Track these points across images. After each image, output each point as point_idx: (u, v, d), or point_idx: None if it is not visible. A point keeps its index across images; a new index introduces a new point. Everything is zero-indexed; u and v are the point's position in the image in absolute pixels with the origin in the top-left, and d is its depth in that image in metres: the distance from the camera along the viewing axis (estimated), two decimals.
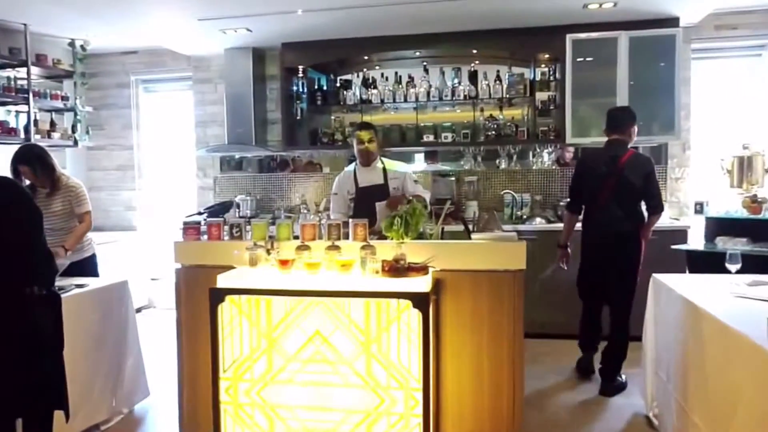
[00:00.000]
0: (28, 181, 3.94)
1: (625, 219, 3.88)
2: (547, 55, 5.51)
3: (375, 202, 4.02)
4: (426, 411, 2.54)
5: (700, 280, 3.24)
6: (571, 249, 4.26)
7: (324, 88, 5.98)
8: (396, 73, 5.74)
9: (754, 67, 5.66)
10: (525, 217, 5.46)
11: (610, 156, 3.94)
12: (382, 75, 5.81)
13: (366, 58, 5.89)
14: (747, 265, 3.11)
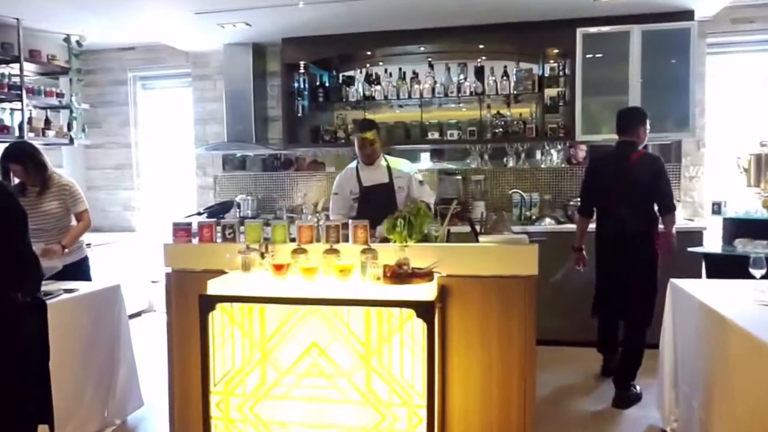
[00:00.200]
0: (17, 180, 3.85)
1: (637, 221, 3.78)
2: (556, 50, 5.37)
3: (380, 202, 3.79)
4: (430, 429, 2.37)
5: (721, 286, 3.06)
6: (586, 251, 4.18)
7: (326, 84, 5.86)
8: (400, 69, 5.62)
9: None
10: (534, 217, 5.32)
11: (619, 157, 3.90)
12: (386, 71, 5.70)
13: (369, 53, 5.76)
14: None
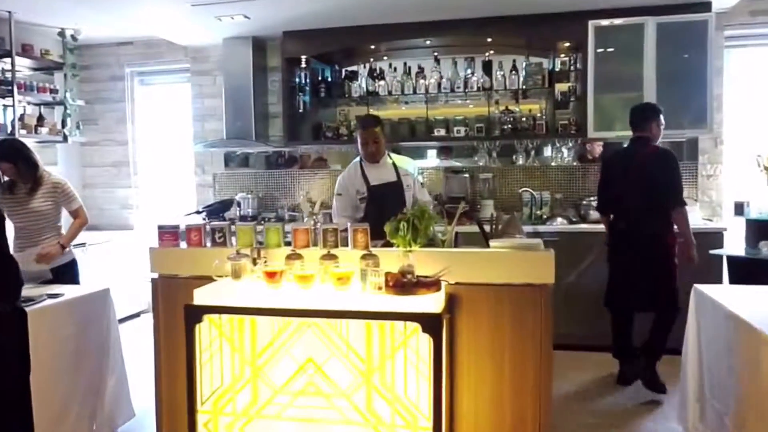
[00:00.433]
0: (6, 178, 3.72)
1: (651, 217, 3.75)
2: (567, 44, 5.21)
3: (390, 201, 3.51)
4: None
5: (749, 293, 2.86)
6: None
7: (328, 79, 5.71)
8: (405, 63, 5.47)
9: None
10: (545, 217, 5.13)
11: (631, 153, 3.93)
12: (390, 65, 5.55)
13: (373, 47, 5.62)
14: None
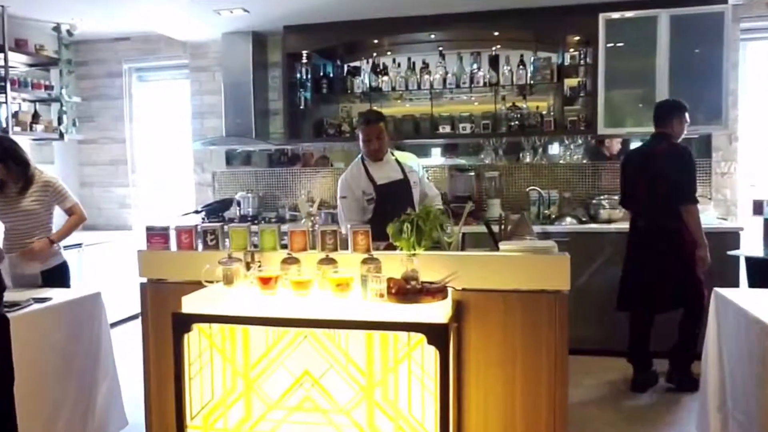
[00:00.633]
0: None
1: (667, 215, 3.69)
2: (576, 38, 5.04)
3: (399, 201, 3.31)
4: None
5: None
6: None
7: (330, 75, 5.55)
8: (409, 58, 5.33)
9: None
10: (553, 216, 4.96)
11: (647, 150, 3.93)
12: (394, 61, 5.42)
13: (376, 42, 5.47)
14: None
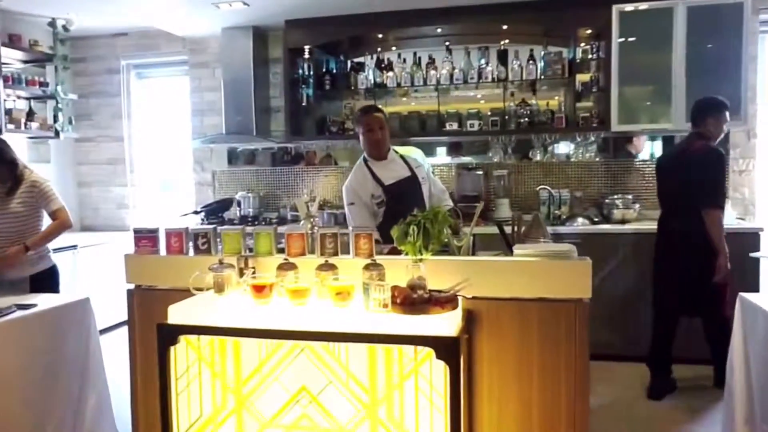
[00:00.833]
0: None
1: (694, 219, 3.55)
2: (589, 31, 4.89)
3: (411, 200, 3.12)
4: None
5: None
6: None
7: (333, 71, 5.41)
8: (415, 53, 5.20)
9: None
10: (564, 217, 4.81)
11: (678, 150, 3.85)
12: (399, 56, 5.27)
13: (380, 36, 5.35)
14: None
